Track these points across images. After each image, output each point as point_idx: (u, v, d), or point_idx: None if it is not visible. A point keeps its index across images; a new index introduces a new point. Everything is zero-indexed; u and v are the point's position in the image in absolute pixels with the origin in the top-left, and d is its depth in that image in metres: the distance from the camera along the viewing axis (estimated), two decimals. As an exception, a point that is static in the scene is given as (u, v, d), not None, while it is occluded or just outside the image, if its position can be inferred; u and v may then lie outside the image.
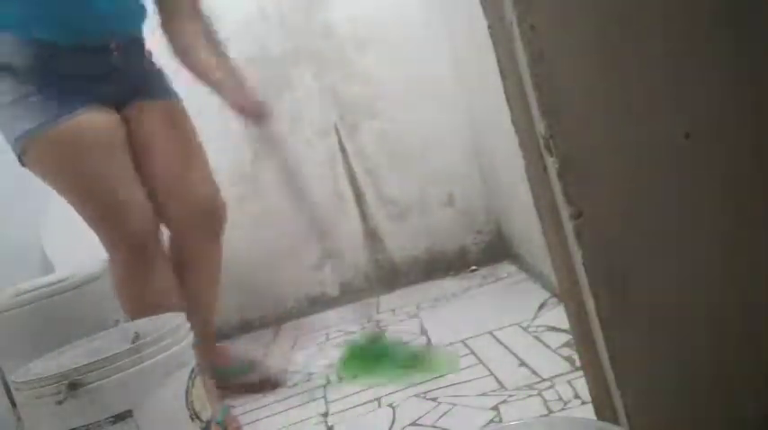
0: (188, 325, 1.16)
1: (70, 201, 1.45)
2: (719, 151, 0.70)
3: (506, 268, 2.20)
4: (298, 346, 1.97)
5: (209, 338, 1.65)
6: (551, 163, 0.71)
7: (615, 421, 0.77)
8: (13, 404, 1.65)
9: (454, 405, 1.32)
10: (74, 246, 2.12)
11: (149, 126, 1.52)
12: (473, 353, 1.55)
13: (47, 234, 2.17)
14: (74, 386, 1.01)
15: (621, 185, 0.70)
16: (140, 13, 1.56)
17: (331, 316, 2.18)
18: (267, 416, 1.55)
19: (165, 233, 1.58)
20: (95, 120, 1.41)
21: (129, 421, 1.05)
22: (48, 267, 2.17)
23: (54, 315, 1.72)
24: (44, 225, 2.16)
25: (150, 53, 1.61)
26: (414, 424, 1.29)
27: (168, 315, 1.20)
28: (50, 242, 2.18)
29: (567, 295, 0.78)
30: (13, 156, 1.45)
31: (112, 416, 1.04)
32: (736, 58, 0.69)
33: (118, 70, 1.47)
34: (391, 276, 2.36)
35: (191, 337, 1.15)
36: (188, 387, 1.11)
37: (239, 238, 2.00)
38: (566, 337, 1.44)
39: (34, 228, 2.17)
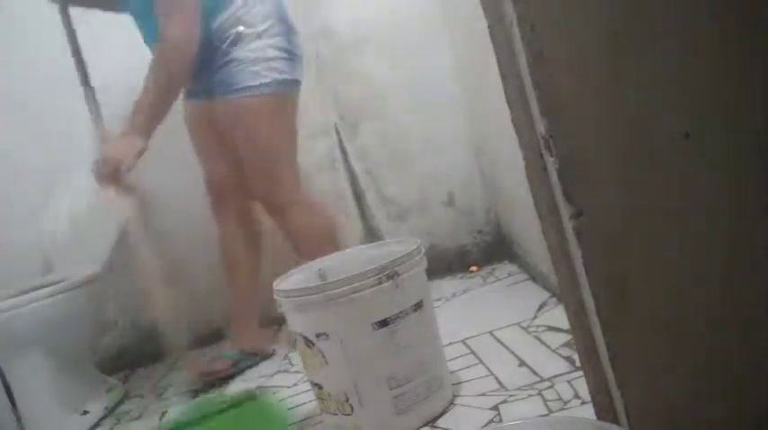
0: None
1: None
2: (719, 151, 0.70)
3: (506, 268, 2.21)
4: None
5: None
6: (551, 163, 0.71)
7: (615, 421, 0.77)
8: (13, 404, 1.65)
9: (454, 405, 1.32)
10: (74, 247, 2.12)
11: (211, 121, 1.82)
12: (473, 353, 1.55)
13: (47, 234, 2.17)
14: (391, 276, 1.23)
15: (621, 185, 0.70)
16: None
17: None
18: (267, 416, 1.55)
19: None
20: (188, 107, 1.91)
21: (422, 310, 1.29)
22: (48, 267, 2.17)
23: (54, 315, 1.72)
24: (44, 225, 2.16)
25: (223, 46, 1.72)
26: (414, 424, 1.28)
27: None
28: (50, 242, 2.18)
29: (567, 295, 0.78)
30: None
31: (414, 305, 1.27)
32: (737, 58, 0.69)
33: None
34: (391, 276, 2.35)
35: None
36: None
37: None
38: (566, 337, 1.44)
39: (34, 228, 2.17)
